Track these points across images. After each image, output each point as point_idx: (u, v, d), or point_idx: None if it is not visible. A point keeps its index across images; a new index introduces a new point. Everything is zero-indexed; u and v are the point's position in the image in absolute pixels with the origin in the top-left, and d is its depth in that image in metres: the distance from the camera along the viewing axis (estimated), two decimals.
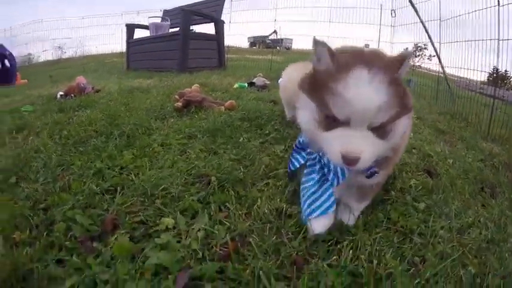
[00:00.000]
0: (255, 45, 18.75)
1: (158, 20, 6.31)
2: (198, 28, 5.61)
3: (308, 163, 0.94)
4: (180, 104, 2.16)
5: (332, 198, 0.89)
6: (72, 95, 3.03)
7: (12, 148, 1.65)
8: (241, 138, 1.62)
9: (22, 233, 0.92)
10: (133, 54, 5.82)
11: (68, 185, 1.18)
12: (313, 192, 0.90)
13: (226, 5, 5.86)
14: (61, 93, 3.11)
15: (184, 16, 5.02)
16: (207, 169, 1.24)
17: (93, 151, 1.49)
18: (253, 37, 19.28)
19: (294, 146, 1.02)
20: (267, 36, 19.15)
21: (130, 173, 1.25)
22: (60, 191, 1.13)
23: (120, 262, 0.81)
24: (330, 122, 0.72)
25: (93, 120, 1.95)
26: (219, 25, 5.55)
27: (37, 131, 1.94)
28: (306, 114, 0.79)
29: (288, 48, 15.54)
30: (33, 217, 0.99)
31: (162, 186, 1.10)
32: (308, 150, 0.94)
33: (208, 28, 5.77)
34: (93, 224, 0.97)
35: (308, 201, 0.91)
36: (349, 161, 0.70)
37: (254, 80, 3.46)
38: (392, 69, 0.72)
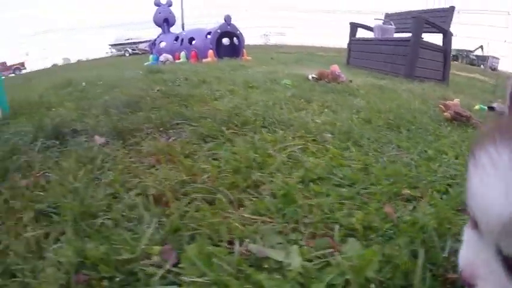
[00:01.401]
0: (456, 59, 17.33)
1: (381, 22, 6.66)
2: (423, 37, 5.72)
3: None
4: (448, 114, 2.49)
5: None
6: (326, 80, 3.68)
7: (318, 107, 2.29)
8: None
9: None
10: (355, 52, 6.34)
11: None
12: None
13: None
14: (313, 75, 3.81)
15: (416, 23, 5.21)
16: None
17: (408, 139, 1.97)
18: (456, 50, 17.79)
19: None
20: (472, 51, 17.33)
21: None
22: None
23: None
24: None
25: (381, 109, 2.45)
26: (447, 37, 5.52)
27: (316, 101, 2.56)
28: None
29: (494, 69, 13.86)
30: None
31: None
32: None
33: (432, 38, 5.82)
34: None
35: None
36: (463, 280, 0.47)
37: (494, 105, 3.47)
38: None
